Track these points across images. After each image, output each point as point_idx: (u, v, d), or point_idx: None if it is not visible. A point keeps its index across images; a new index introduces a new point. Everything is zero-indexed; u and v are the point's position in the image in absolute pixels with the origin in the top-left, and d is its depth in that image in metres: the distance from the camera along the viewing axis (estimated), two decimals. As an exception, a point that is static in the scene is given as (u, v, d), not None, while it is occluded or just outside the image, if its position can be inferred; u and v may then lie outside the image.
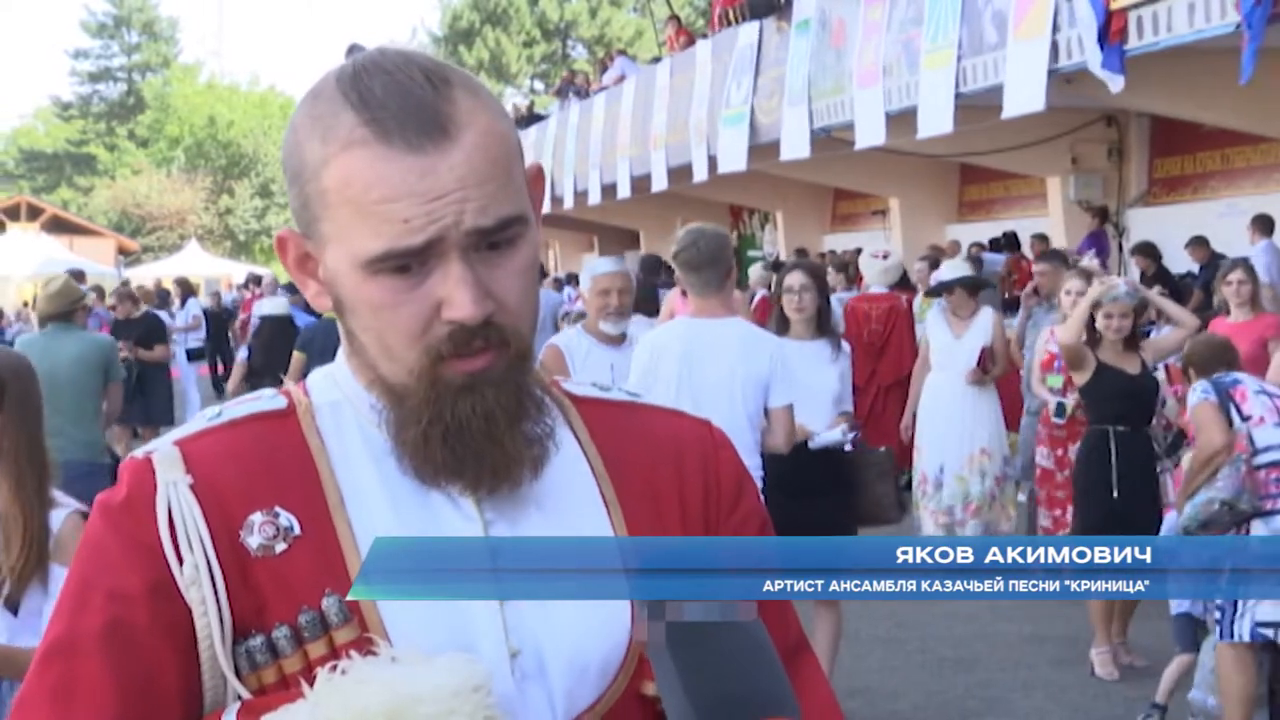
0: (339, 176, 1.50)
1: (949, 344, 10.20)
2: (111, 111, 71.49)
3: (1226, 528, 6.41)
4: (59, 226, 48.53)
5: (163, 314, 19.35)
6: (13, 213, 49.48)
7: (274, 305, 15.84)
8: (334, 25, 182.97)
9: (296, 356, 12.15)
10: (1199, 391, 6.70)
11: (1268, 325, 9.32)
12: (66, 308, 9.11)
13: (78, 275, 22.36)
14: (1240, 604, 6.32)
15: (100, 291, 21.92)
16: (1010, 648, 8.59)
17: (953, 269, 10.80)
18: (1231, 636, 6.36)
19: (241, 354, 16.71)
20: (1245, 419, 6.44)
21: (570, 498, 1.60)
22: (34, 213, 50.16)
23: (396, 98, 1.49)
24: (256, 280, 28.25)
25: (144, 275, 39.77)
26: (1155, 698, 7.13)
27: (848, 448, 7.35)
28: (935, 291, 10.48)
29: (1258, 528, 6.37)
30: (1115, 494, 7.76)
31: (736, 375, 6.29)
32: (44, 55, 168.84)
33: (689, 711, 1.26)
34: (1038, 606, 9.25)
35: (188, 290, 25.55)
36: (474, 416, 1.51)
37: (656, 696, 1.52)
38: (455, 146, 1.49)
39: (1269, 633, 6.31)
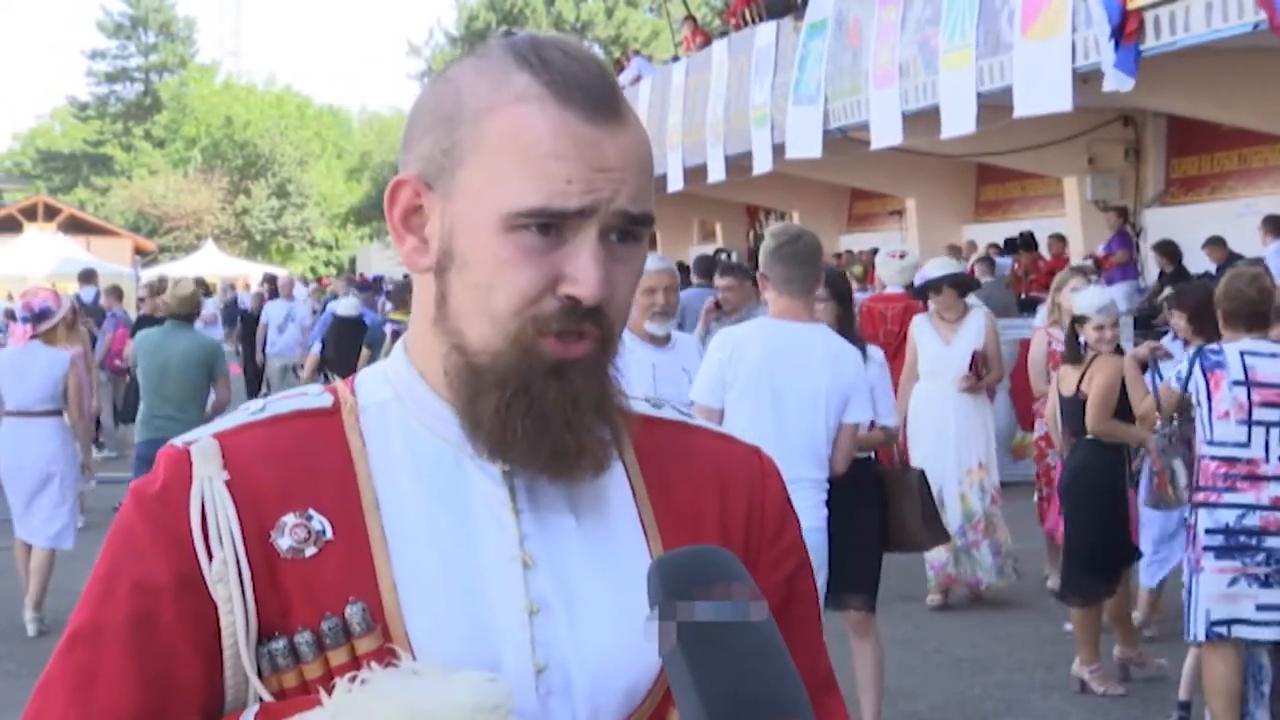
0: (507, 125, 1.48)
1: (938, 351, 9.60)
2: (128, 112, 71.61)
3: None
4: (76, 227, 48.55)
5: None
6: (30, 213, 49.53)
7: (346, 306, 17.60)
8: (351, 25, 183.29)
9: (365, 353, 13.18)
10: (1173, 378, 6.61)
11: None
12: (188, 310, 10.40)
13: (89, 274, 22.51)
14: (1194, 604, 6.37)
15: (118, 292, 21.92)
16: (1029, 649, 8.58)
17: (940, 266, 10.15)
18: (1189, 636, 6.47)
19: (316, 348, 17.76)
20: (1210, 410, 6.40)
21: (609, 517, 1.59)
22: (51, 213, 50.21)
23: (577, 69, 1.50)
24: (272, 280, 28.26)
25: (161, 276, 39.80)
26: (1179, 696, 7.13)
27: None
28: (921, 293, 9.94)
29: (1202, 518, 6.39)
30: (1129, 507, 7.67)
31: (821, 385, 6.02)
32: (61, 56, 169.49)
33: (701, 712, 1.26)
34: (1056, 607, 9.24)
35: (206, 290, 25.61)
36: (560, 399, 1.50)
37: None
38: (624, 130, 1.50)
39: (1223, 630, 6.33)
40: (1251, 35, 10.70)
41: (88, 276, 22.31)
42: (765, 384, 6.00)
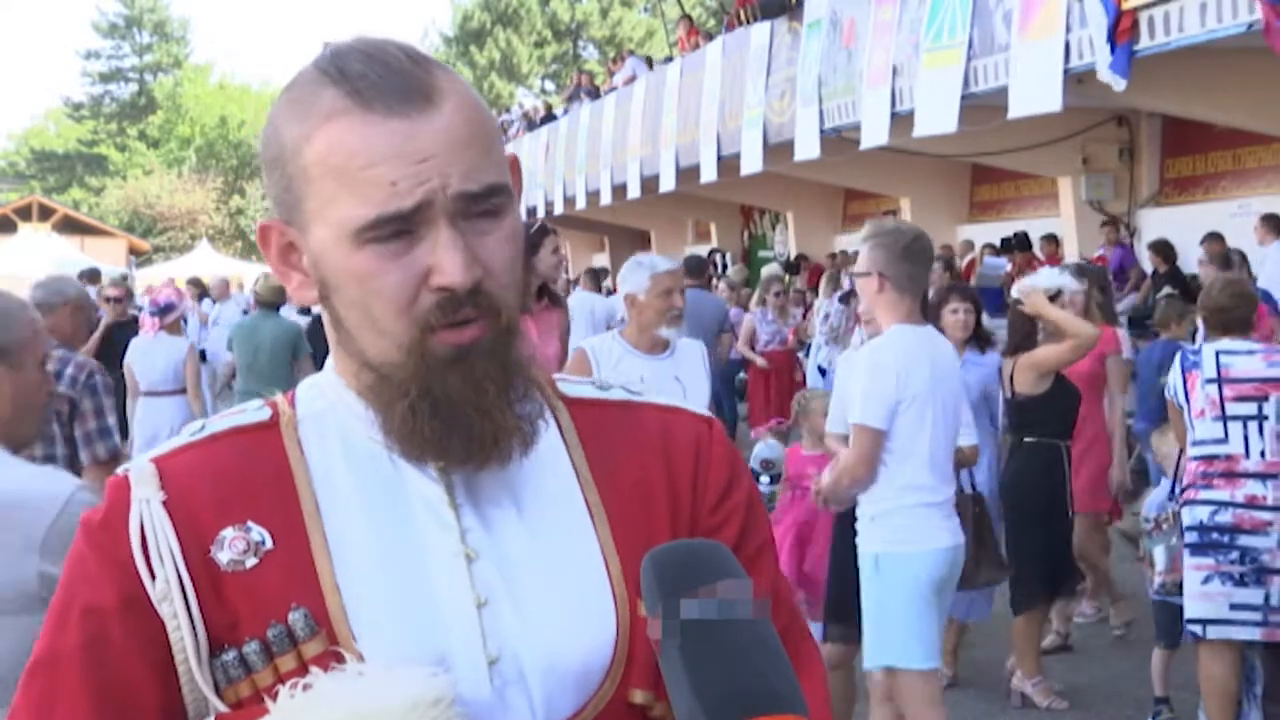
0: (321, 148, 1.49)
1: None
2: (123, 112, 71.62)
3: None
4: (70, 227, 48.63)
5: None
6: (24, 213, 49.60)
7: None
8: (345, 25, 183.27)
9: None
10: (1167, 390, 6.70)
11: (1105, 340, 8.55)
12: (275, 299, 12.55)
13: (93, 274, 22.49)
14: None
15: (112, 292, 21.90)
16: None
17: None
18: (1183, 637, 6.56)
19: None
20: (1190, 411, 6.48)
21: (552, 502, 1.59)
22: (45, 213, 50.28)
23: (376, 69, 1.50)
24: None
25: (155, 275, 39.80)
26: (1155, 692, 7.18)
27: None
28: (846, 300, 9.37)
29: (1184, 515, 6.45)
30: (1069, 512, 7.63)
31: (958, 392, 5.88)
32: (55, 56, 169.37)
33: (696, 708, 1.25)
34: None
35: (203, 291, 25.59)
36: (464, 387, 1.50)
37: (645, 704, 1.53)
38: (438, 112, 1.49)
39: (1198, 629, 6.35)
40: (1246, 35, 10.69)
41: (93, 276, 22.31)
42: (936, 398, 5.72)
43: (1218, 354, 6.44)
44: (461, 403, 1.50)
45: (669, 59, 26.63)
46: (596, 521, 1.59)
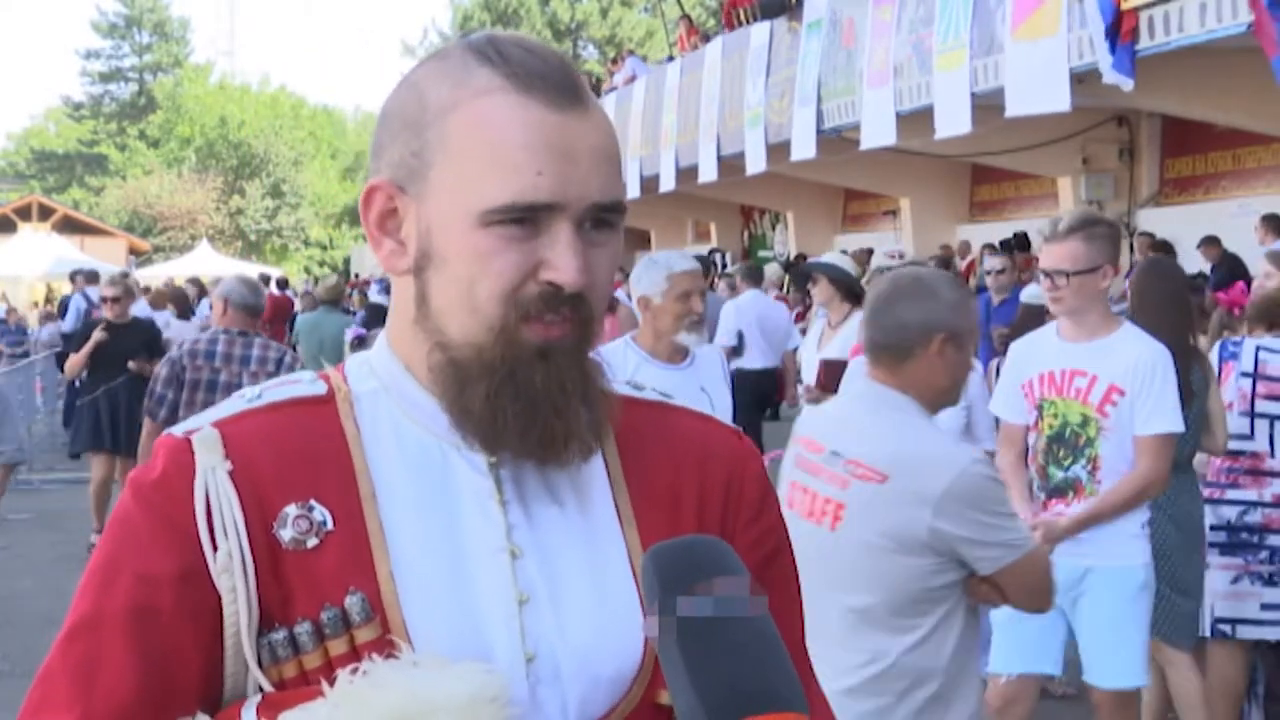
0: (472, 119, 1.49)
1: (809, 360, 8.68)
2: (123, 112, 71.52)
3: None
4: (70, 227, 48.59)
5: (163, 315, 19.17)
6: (24, 213, 49.58)
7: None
8: (345, 26, 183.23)
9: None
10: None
11: None
12: (334, 296, 14.46)
13: (91, 275, 22.48)
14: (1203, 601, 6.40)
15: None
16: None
17: (831, 259, 9.33)
18: (1210, 634, 6.44)
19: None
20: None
21: (589, 504, 1.60)
22: (45, 213, 50.25)
23: (536, 60, 1.51)
24: (265, 281, 28.30)
25: (155, 275, 39.79)
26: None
27: None
28: (803, 278, 9.24)
29: (1207, 514, 6.38)
30: None
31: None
32: (55, 55, 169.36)
33: (696, 705, 1.26)
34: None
35: (202, 291, 25.60)
36: (548, 382, 1.51)
37: (671, 706, 1.54)
38: (588, 117, 1.51)
39: (1227, 629, 6.33)
40: (1246, 35, 10.69)
41: (91, 278, 22.28)
42: None
43: (1258, 349, 6.41)
44: (542, 398, 1.51)
45: (669, 59, 26.62)
46: (624, 525, 1.59)
